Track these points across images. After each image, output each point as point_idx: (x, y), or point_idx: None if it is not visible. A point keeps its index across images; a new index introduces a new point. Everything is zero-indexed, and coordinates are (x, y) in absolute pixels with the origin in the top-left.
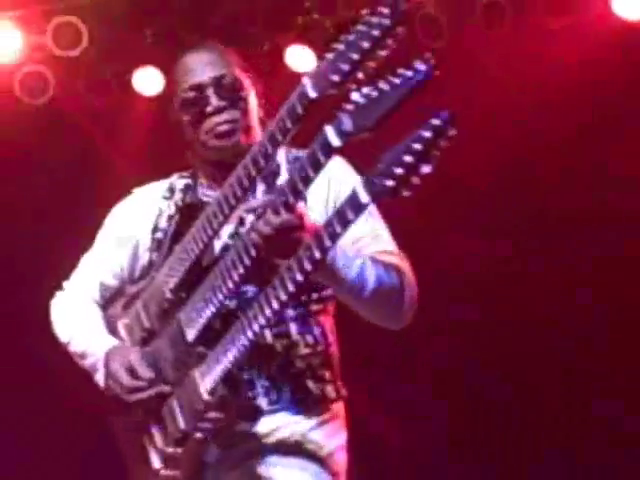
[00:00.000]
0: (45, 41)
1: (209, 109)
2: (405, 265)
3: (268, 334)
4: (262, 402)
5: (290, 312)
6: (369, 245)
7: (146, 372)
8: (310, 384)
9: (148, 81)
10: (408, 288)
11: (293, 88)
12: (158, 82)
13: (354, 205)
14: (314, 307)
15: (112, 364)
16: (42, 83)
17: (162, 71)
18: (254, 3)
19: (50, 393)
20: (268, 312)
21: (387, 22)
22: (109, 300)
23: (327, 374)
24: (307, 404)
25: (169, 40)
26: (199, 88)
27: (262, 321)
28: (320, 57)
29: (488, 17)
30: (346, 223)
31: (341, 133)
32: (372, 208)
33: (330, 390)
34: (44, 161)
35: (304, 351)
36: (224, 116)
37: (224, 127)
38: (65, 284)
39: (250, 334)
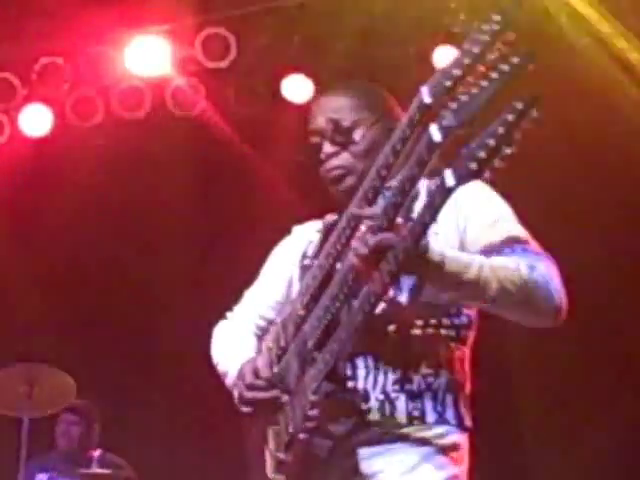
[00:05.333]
0: (195, 53)
1: (322, 156)
2: (542, 261)
3: (389, 346)
4: (375, 415)
5: (417, 331)
6: (505, 247)
7: (266, 373)
8: (428, 404)
9: (297, 89)
10: (543, 282)
11: None
12: (307, 89)
13: (441, 190)
14: (444, 332)
15: (243, 368)
16: (193, 95)
17: (311, 78)
18: (401, 5)
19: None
20: (367, 307)
21: (496, 27)
22: (266, 330)
23: (449, 399)
24: (422, 424)
25: (317, 47)
26: (317, 134)
27: (360, 317)
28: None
29: None
30: (436, 209)
31: (442, 129)
32: (508, 212)
33: (450, 416)
34: (197, 172)
35: (425, 371)
36: (334, 162)
37: (334, 173)
38: (228, 314)
39: (350, 329)
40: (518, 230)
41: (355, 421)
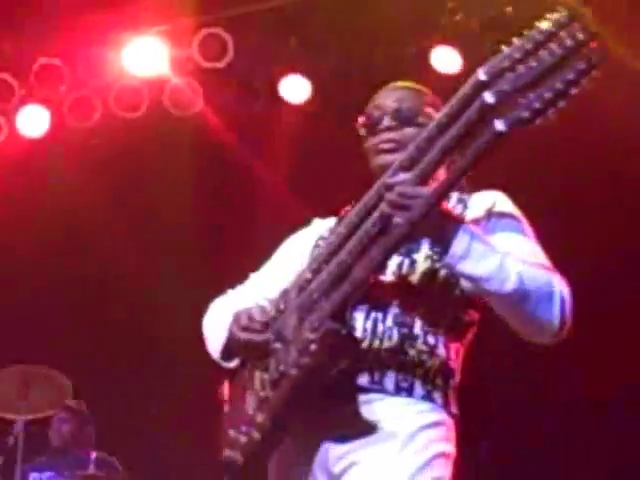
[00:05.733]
0: (192, 54)
1: (380, 126)
2: (559, 277)
3: (390, 318)
4: (364, 378)
5: (418, 321)
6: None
7: (262, 317)
8: (417, 379)
9: (295, 89)
10: (558, 293)
11: (438, 90)
12: (305, 90)
13: (489, 135)
14: (445, 322)
15: (239, 313)
16: (190, 95)
17: (308, 78)
18: (398, 5)
19: None
20: (380, 256)
21: (564, 20)
22: None
23: (439, 380)
24: (409, 397)
25: (314, 47)
26: (380, 108)
27: (369, 264)
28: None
29: None
30: (480, 153)
31: (496, 92)
32: (530, 234)
33: (438, 396)
34: (194, 172)
35: (421, 347)
36: (391, 134)
37: (388, 145)
38: (230, 291)
39: (363, 273)
40: (542, 254)
41: (354, 363)
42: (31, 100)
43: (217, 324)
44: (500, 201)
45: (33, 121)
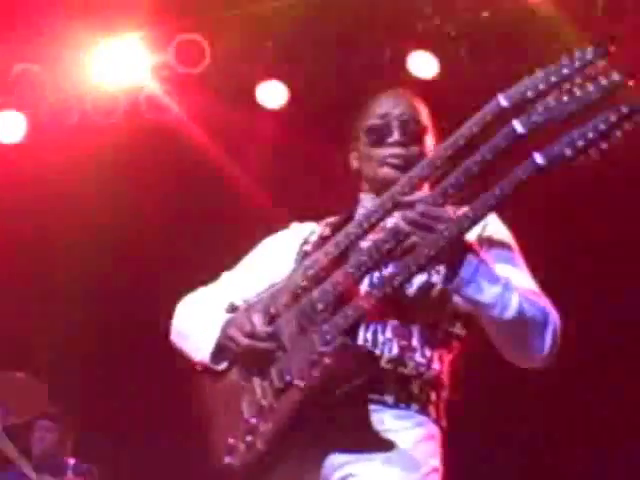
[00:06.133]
0: (168, 59)
1: (390, 140)
2: (551, 308)
3: (389, 329)
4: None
5: (415, 329)
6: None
7: (265, 324)
8: (415, 391)
9: (272, 94)
10: (552, 323)
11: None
12: (281, 95)
13: (529, 168)
14: (439, 335)
15: (236, 318)
16: (167, 101)
17: (285, 84)
18: (375, 10)
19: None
20: (404, 276)
21: (589, 57)
22: None
23: (433, 395)
24: (408, 410)
25: (291, 52)
26: (386, 117)
27: (390, 286)
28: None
29: None
30: (518, 185)
31: (528, 122)
32: (522, 264)
33: (431, 409)
34: (171, 178)
35: (419, 359)
36: (402, 151)
37: (398, 160)
38: (200, 289)
39: (365, 303)
40: (533, 282)
41: (367, 377)
42: (7, 106)
43: (199, 322)
44: (491, 223)
45: (10, 127)
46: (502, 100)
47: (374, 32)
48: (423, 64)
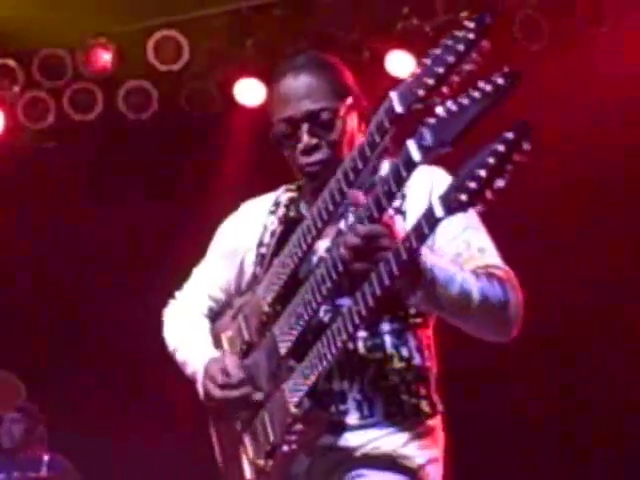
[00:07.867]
0: (147, 56)
1: (300, 147)
2: (510, 277)
3: (361, 346)
4: (353, 416)
5: (386, 326)
6: (472, 259)
7: (238, 373)
8: (404, 398)
9: (250, 92)
10: (513, 301)
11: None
12: (260, 93)
13: (429, 219)
14: (412, 321)
15: (210, 368)
16: (145, 98)
17: (263, 82)
18: (353, 10)
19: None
20: (350, 327)
21: (472, 36)
22: (219, 312)
23: (422, 389)
24: (400, 419)
25: (270, 51)
26: (292, 121)
27: (344, 336)
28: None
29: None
30: (422, 237)
31: (422, 148)
32: (476, 221)
33: (425, 405)
34: (150, 173)
35: (398, 365)
36: (315, 156)
37: (313, 168)
38: (177, 294)
39: (333, 349)
40: (487, 241)
41: (334, 439)
42: None
43: (185, 347)
44: (439, 182)
45: None
46: (397, 105)
47: (353, 32)
48: (401, 64)
